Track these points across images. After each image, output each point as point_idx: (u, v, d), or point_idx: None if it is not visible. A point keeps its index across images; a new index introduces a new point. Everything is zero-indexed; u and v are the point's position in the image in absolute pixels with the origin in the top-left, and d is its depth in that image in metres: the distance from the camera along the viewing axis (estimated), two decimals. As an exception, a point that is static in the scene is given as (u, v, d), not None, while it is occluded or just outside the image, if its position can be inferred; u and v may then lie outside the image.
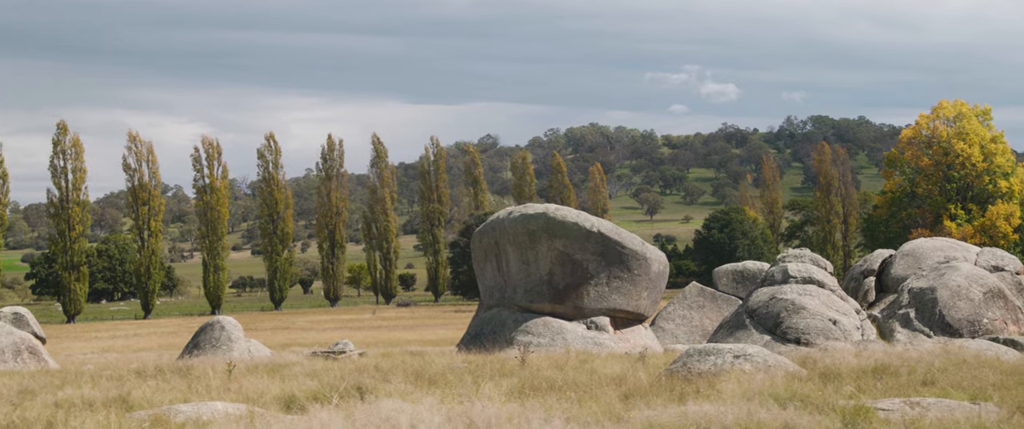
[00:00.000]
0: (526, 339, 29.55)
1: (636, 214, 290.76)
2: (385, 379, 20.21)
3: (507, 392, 17.70)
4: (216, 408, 16.00)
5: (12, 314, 37.79)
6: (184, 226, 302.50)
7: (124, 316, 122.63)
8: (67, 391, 19.70)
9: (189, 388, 19.84)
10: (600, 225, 31.09)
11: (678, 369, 19.29)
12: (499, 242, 32.13)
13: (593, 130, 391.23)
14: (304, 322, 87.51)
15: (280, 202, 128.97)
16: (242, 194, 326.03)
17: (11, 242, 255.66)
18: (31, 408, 17.01)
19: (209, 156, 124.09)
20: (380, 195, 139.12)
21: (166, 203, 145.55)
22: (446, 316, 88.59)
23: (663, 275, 32.29)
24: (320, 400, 16.97)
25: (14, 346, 33.55)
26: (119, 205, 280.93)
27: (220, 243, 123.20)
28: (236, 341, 33.66)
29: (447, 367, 22.33)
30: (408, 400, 16.21)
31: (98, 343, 63.89)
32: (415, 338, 53.74)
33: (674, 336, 36.60)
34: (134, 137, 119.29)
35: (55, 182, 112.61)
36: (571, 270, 30.83)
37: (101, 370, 26.80)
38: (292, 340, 56.26)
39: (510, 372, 21.05)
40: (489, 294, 32.84)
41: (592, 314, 31.00)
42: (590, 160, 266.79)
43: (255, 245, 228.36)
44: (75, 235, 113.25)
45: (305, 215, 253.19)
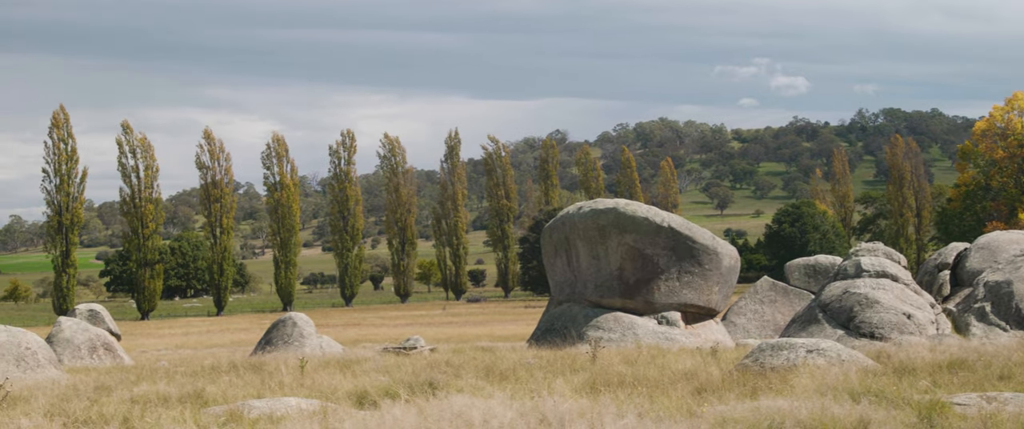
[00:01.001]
0: (597, 334, 29.48)
1: (706, 209, 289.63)
2: (456, 374, 20.24)
3: (578, 387, 17.67)
4: (289, 404, 16.08)
5: (88, 311, 38.22)
6: (255, 223, 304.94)
7: (197, 313, 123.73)
8: (142, 387, 19.87)
9: (262, 384, 19.95)
10: (670, 219, 30.96)
11: (750, 364, 19.17)
12: (569, 237, 32.08)
13: (662, 125, 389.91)
14: (375, 318, 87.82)
15: (351, 199, 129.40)
16: (312, 191, 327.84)
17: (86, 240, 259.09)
18: (108, 404, 17.17)
19: (280, 153, 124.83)
20: (450, 191, 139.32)
21: (238, 200, 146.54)
22: (516, 311, 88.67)
23: (734, 270, 32.10)
24: (392, 396, 17.01)
25: (90, 343, 33.93)
26: (192, 202, 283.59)
27: (291, 240, 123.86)
28: (308, 337, 33.85)
29: (518, 362, 22.31)
30: (479, 395, 16.21)
31: (172, 339, 64.47)
32: (485, 333, 53.80)
33: (746, 331, 36.37)
34: (207, 135, 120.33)
35: (125, 180, 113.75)
36: (642, 265, 30.72)
37: (175, 366, 27.05)
38: (363, 336, 56.47)
39: (581, 367, 21.01)
40: (559, 289, 32.80)
41: (663, 309, 30.88)
42: (659, 155, 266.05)
43: (326, 242, 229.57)
44: (148, 233, 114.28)
45: (375, 212, 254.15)
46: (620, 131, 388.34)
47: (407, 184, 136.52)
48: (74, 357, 32.88)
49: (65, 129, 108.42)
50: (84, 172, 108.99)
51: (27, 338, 27.75)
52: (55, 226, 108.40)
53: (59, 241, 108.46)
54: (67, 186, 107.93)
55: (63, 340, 33.53)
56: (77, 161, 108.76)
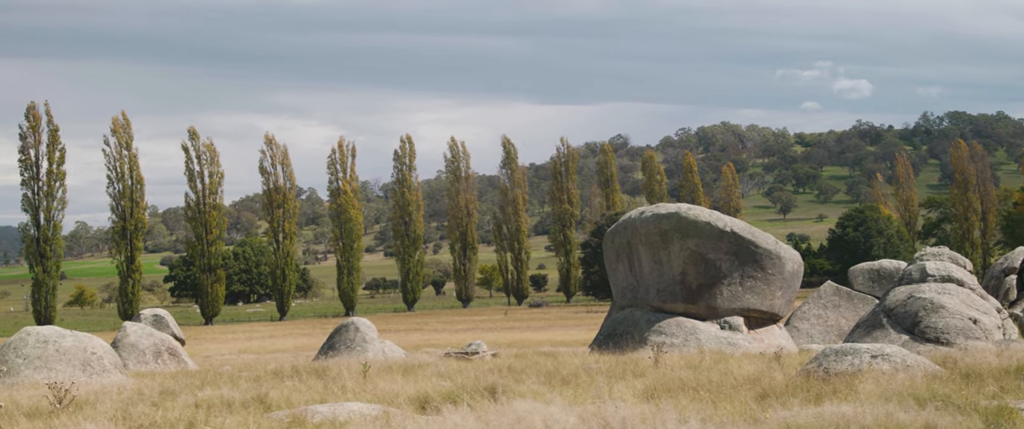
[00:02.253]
0: (659, 339, 29.37)
1: (769, 213, 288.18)
2: (518, 380, 20.22)
3: (641, 392, 17.60)
4: (352, 408, 16.12)
5: (152, 316, 38.52)
6: (318, 228, 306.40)
7: (260, 318, 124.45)
8: (206, 391, 19.99)
9: (325, 389, 20.01)
10: (733, 224, 30.82)
11: (814, 369, 19.01)
12: (631, 242, 32.01)
13: (724, 129, 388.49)
14: (437, 323, 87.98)
15: (412, 204, 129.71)
16: (374, 196, 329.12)
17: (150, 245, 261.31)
18: (172, 408, 17.29)
19: (343, 159, 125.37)
20: (511, 196, 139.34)
21: (300, 206, 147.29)
22: (578, 316, 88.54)
23: (797, 274, 31.90)
24: (454, 401, 17.00)
25: (155, 347, 34.16)
26: (254, 208, 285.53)
27: (354, 245, 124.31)
28: (370, 342, 33.94)
29: (580, 367, 22.27)
30: (541, 401, 16.18)
31: (235, 344, 64.86)
32: (547, 339, 53.73)
33: (809, 336, 36.13)
34: (270, 140, 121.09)
35: (191, 186, 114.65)
36: (704, 270, 30.60)
37: (239, 371, 27.19)
38: (425, 341, 56.56)
39: (643, 372, 20.94)
40: (621, 294, 32.73)
41: (726, 314, 30.74)
42: (721, 159, 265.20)
43: (388, 247, 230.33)
44: (212, 238, 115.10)
45: (437, 217, 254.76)
46: (682, 135, 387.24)
47: (468, 189, 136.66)
48: (139, 362, 33.12)
49: (126, 135, 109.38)
50: (142, 178, 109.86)
51: (93, 343, 27.99)
52: (120, 232, 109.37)
53: (124, 247, 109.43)
54: (130, 192, 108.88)
55: (128, 345, 33.79)
56: (139, 167, 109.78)
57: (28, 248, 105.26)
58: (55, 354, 27.00)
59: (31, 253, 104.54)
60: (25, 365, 26.56)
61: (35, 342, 27.43)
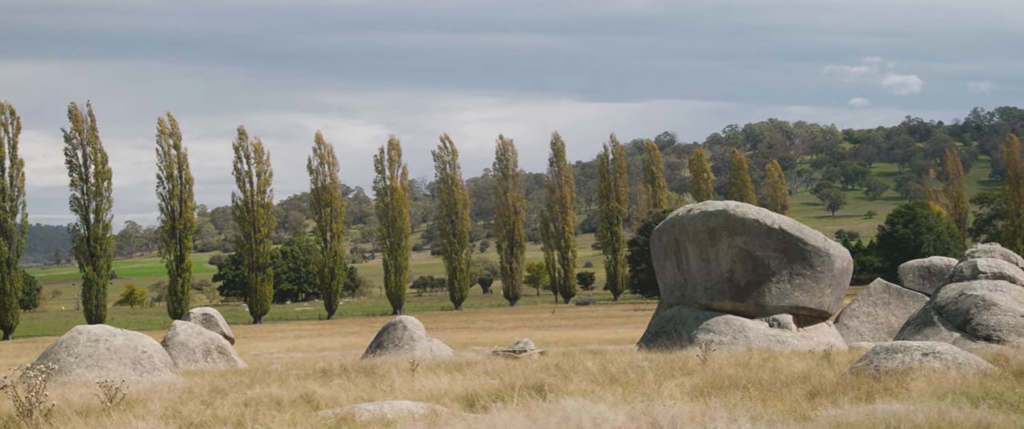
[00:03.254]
0: (707, 337, 29.25)
1: (817, 210, 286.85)
2: (566, 378, 20.18)
3: (689, 391, 17.54)
4: (400, 406, 16.14)
5: (202, 315, 38.74)
6: (365, 227, 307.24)
7: (308, 316, 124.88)
8: (256, 390, 20.08)
9: (373, 387, 20.06)
10: (781, 221, 30.67)
11: (865, 367, 18.89)
12: (678, 240, 31.93)
13: (772, 126, 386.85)
14: (484, 321, 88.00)
15: (458, 202, 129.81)
16: (421, 195, 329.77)
17: (199, 245, 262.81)
18: (222, 406, 17.37)
19: (392, 158, 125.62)
20: (558, 194, 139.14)
21: (347, 205, 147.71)
22: (625, 314, 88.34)
23: (846, 272, 31.71)
24: (502, 399, 16.99)
25: (204, 346, 34.36)
26: (302, 207, 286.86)
27: (401, 244, 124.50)
28: (418, 340, 34.02)
29: (628, 365, 22.20)
30: (590, 399, 16.14)
31: (283, 343, 65.10)
32: (595, 337, 53.63)
33: (859, 334, 35.91)
34: (319, 139, 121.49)
35: (239, 186, 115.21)
36: (752, 267, 30.48)
37: (288, 369, 27.31)
38: (472, 339, 56.58)
39: (692, 370, 20.86)
40: (669, 292, 32.64)
41: (774, 312, 30.61)
42: (769, 156, 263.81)
43: (435, 245, 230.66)
44: (260, 237, 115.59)
45: (484, 215, 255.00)
46: (729, 132, 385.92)
47: (515, 187, 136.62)
48: (189, 360, 33.32)
49: (174, 135, 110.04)
50: (191, 178, 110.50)
51: (143, 342, 28.17)
52: (169, 231, 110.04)
53: (173, 246, 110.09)
54: (180, 192, 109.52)
55: (178, 343, 34.00)
56: (188, 167, 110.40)
57: (78, 248, 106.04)
58: (106, 353, 27.19)
59: (81, 253, 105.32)
60: (77, 364, 26.77)
61: (86, 341, 27.64)
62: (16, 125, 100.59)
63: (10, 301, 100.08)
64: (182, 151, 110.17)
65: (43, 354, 28.38)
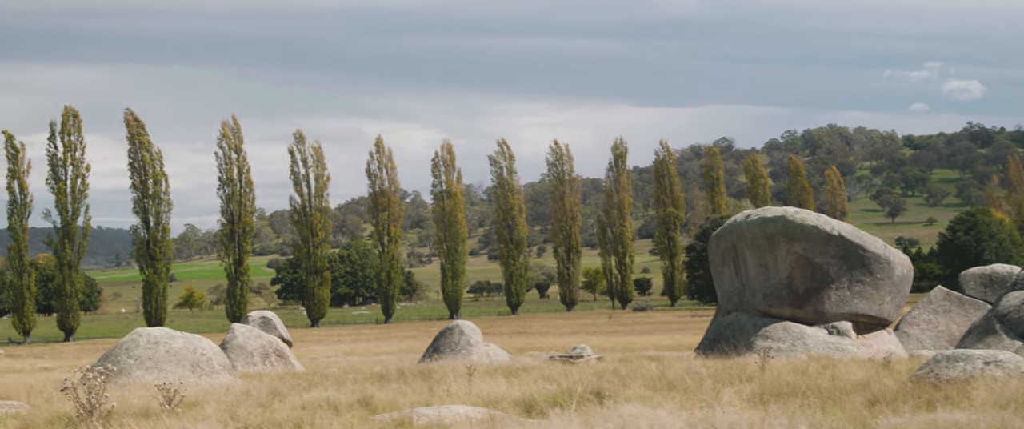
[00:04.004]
0: (766, 344, 29.10)
1: (877, 216, 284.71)
2: (623, 383, 20.12)
3: (748, 397, 17.43)
4: (457, 411, 16.13)
5: (260, 318, 38.93)
6: (422, 231, 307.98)
7: (365, 320, 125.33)
8: (313, 393, 20.14)
9: (430, 391, 20.07)
10: (840, 228, 30.47)
11: (925, 375, 18.71)
12: (736, 246, 31.79)
13: (831, 131, 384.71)
14: (540, 326, 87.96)
15: (515, 207, 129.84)
16: (478, 200, 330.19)
17: (257, 248, 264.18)
18: (280, 409, 17.44)
19: (448, 162, 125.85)
20: (616, 199, 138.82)
21: (405, 209, 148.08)
22: (682, 320, 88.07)
23: (906, 279, 31.45)
24: (559, 404, 16.95)
25: (262, 349, 34.54)
26: (359, 211, 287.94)
27: (458, 248, 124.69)
28: (475, 345, 34.05)
29: (686, 372, 22.11)
30: (647, 405, 16.08)
31: (341, 346, 65.32)
32: (652, 342, 53.47)
33: (919, 341, 35.59)
34: (378, 144, 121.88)
35: (297, 190, 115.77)
36: (811, 274, 30.29)
37: (345, 373, 27.37)
38: (529, 344, 56.55)
39: (750, 377, 20.74)
40: (727, 298, 32.50)
41: (833, 318, 30.40)
42: (828, 162, 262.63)
43: (491, 250, 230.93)
44: (318, 241, 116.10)
45: (540, 220, 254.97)
46: (788, 138, 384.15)
47: (572, 192, 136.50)
48: (247, 363, 33.50)
49: (235, 139, 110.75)
50: (251, 182, 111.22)
51: (202, 344, 28.35)
52: (228, 235, 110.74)
53: (232, 249, 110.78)
54: (238, 195, 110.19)
55: (237, 346, 34.18)
56: (248, 171, 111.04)
57: (139, 250, 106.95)
58: (165, 355, 27.40)
59: (141, 255, 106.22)
60: (136, 366, 26.99)
61: (146, 343, 27.86)
62: (79, 129, 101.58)
63: (71, 303, 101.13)
64: (242, 155, 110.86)
65: (103, 356, 28.63)
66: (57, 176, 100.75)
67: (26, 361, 59.80)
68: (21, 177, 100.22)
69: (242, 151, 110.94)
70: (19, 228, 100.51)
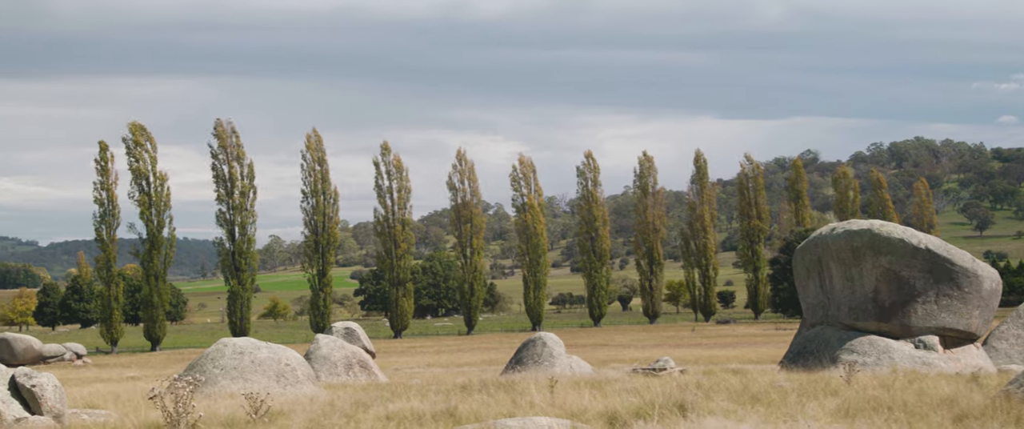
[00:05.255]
0: (851, 358, 28.85)
1: (964, 230, 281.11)
2: (707, 396, 20.02)
3: (832, 412, 17.28)
4: (541, 423, 16.11)
5: (344, 329, 39.20)
6: (504, 243, 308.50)
7: (448, 331, 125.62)
8: (397, 404, 20.22)
9: (513, 403, 20.08)
10: (928, 241, 30.16)
11: (1015, 390, 18.44)
12: (822, 259, 31.58)
13: (917, 144, 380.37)
14: (623, 339, 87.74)
15: (598, 219, 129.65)
16: (561, 212, 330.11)
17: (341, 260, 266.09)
18: (364, 420, 17.53)
19: (526, 175, 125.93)
20: (699, 212, 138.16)
21: (487, 221, 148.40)
22: (766, 334, 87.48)
23: (995, 293, 31.04)
24: (643, 417, 16.90)
25: (346, 360, 34.74)
26: (442, 223, 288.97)
27: (540, 260, 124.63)
28: (558, 357, 34.01)
29: (770, 385, 21.98)
30: (731, 418, 16.00)
31: (423, 357, 65.55)
32: (735, 355, 53.16)
33: (1008, 356, 35.07)
34: (460, 156, 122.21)
35: (381, 201, 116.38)
36: (897, 287, 30.00)
37: (428, 384, 27.46)
38: (611, 357, 56.42)
39: (835, 391, 20.58)
40: (811, 312, 32.28)
41: (919, 333, 30.08)
42: (915, 175, 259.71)
43: (574, 262, 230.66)
44: (400, 252, 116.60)
45: (623, 232, 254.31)
46: (874, 150, 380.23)
47: (657, 205, 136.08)
48: (331, 374, 33.71)
49: (318, 151, 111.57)
50: (336, 193, 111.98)
51: (287, 354, 28.57)
52: (312, 246, 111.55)
53: (316, 260, 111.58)
54: (322, 207, 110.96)
55: (321, 357, 34.42)
56: (331, 183, 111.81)
57: (224, 261, 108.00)
58: (250, 365, 27.63)
59: (226, 266, 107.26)
60: (222, 375, 27.24)
61: (231, 353, 28.12)
62: (152, 142, 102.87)
63: (158, 313, 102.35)
64: (326, 167, 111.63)
65: (190, 366, 28.93)
66: (141, 188, 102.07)
67: (114, 370, 60.58)
68: (110, 188, 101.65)
69: (325, 163, 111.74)
70: (107, 239, 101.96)
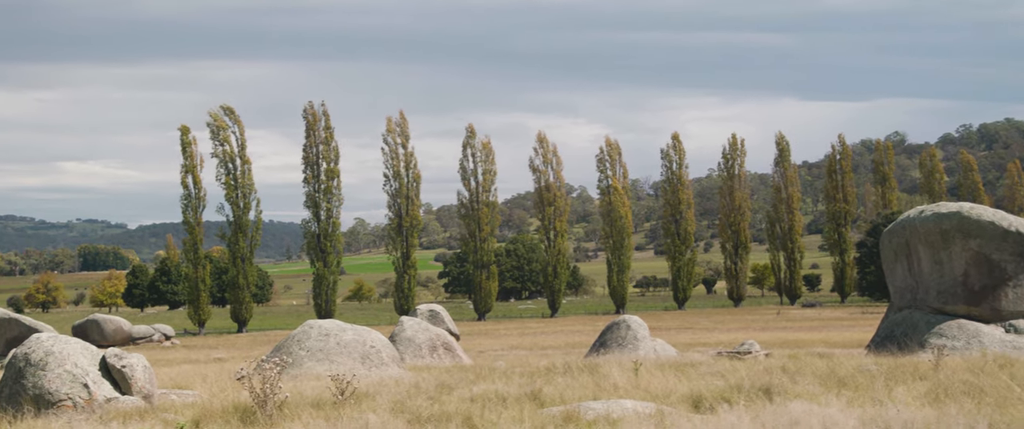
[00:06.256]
0: (939, 342, 28.55)
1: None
2: (793, 380, 19.89)
3: (921, 396, 17.09)
4: (625, 406, 16.10)
5: (428, 311, 39.40)
6: (588, 226, 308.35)
7: (531, 314, 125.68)
8: (481, 386, 20.29)
9: (597, 386, 20.06)
10: (1019, 224, 29.75)
11: (1108, 376, 18.17)
12: (910, 242, 31.25)
13: (1008, 125, 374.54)
14: (707, 322, 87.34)
15: (683, 202, 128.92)
16: (644, 194, 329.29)
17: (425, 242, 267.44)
18: (449, 402, 17.61)
19: (612, 157, 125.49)
20: (784, 194, 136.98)
21: (571, 203, 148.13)
22: (852, 317, 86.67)
23: (1089, 276, 30.56)
24: (727, 400, 16.83)
25: (430, 342, 34.89)
26: (525, 206, 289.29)
27: (624, 243, 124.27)
28: (642, 340, 33.97)
29: (856, 369, 21.78)
30: (817, 402, 15.88)
31: (507, 340, 65.64)
32: (821, 339, 52.76)
33: (1101, 341, 34.56)
34: (541, 139, 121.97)
35: (465, 184, 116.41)
36: (987, 271, 29.63)
37: (512, 366, 27.51)
38: (696, 340, 56.23)
39: (923, 375, 20.36)
40: (899, 295, 31.96)
41: (1010, 317, 29.70)
42: (1005, 157, 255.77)
43: (658, 245, 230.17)
44: (484, 235, 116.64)
45: (707, 215, 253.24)
46: (963, 132, 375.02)
47: (741, 187, 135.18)
48: (415, 356, 33.88)
49: (403, 134, 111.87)
50: (418, 175, 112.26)
51: (372, 337, 28.75)
52: (396, 228, 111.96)
53: (400, 243, 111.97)
54: (405, 190, 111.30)
55: (405, 339, 34.60)
56: (415, 166, 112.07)
57: (309, 244, 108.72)
58: (336, 347, 27.84)
59: (312, 249, 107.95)
60: (308, 357, 27.48)
61: (317, 335, 28.35)
62: (239, 125, 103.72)
63: (244, 295, 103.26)
64: (409, 149, 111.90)
65: (276, 347, 29.20)
66: (227, 170, 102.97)
67: (201, 352, 61.32)
68: (195, 171, 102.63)
69: (409, 146, 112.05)
70: (194, 222, 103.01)
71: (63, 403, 18.91)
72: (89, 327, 69.44)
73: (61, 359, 19.41)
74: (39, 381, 19.11)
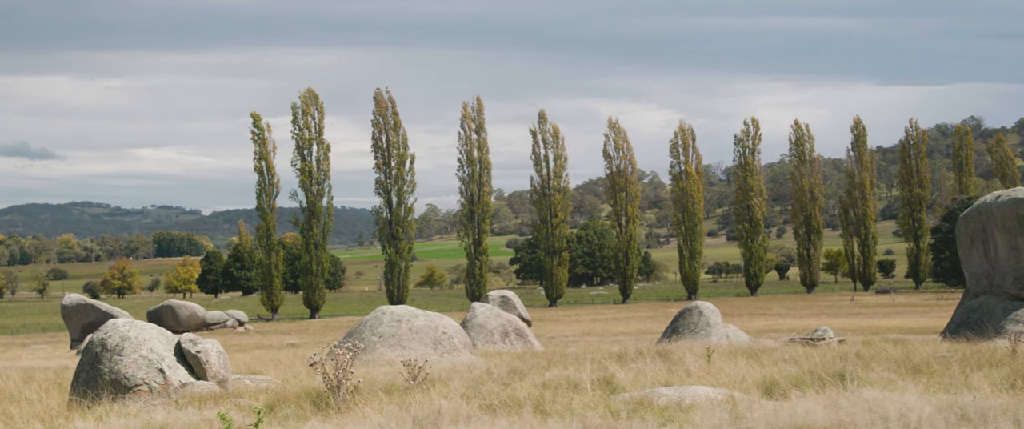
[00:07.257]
0: (1016, 328, 28.18)
1: None
2: (866, 366, 19.72)
3: (998, 383, 16.88)
4: (698, 392, 16.04)
5: (500, 297, 39.47)
6: (660, 212, 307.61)
7: (603, 300, 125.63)
8: (553, 372, 20.27)
9: (669, 372, 20.00)
10: (1097, 208, 29.36)
11: None
12: (986, 227, 30.91)
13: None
14: (780, 308, 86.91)
15: (754, 188, 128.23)
16: (717, 180, 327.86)
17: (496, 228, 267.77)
18: (520, 387, 17.61)
19: (685, 143, 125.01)
20: (858, 179, 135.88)
21: (642, 189, 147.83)
22: (927, 304, 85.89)
23: None
24: (800, 386, 16.73)
25: (502, 328, 34.94)
26: (596, 192, 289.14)
27: (696, 229, 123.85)
28: (714, 326, 33.84)
29: (931, 355, 21.57)
30: (891, 389, 15.74)
31: (578, 326, 65.63)
32: (895, 325, 52.35)
33: None
34: (613, 125, 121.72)
35: (537, 170, 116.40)
36: (1066, 256, 29.27)
37: (583, 352, 27.48)
38: (768, 326, 55.96)
39: (1000, 362, 20.11)
40: (975, 281, 31.63)
41: (1089, 303, 29.32)
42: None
43: (730, 231, 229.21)
44: (556, 221, 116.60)
45: (780, 201, 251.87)
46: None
47: (813, 173, 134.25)
48: (487, 342, 33.94)
49: (476, 121, 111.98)
50: (488, 162, 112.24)
51: (443, 322, 28.84)
52: (467, 215, 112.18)
53: (471, 229, 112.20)
54: (477, 176, 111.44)
55: (477, 325, 34.67)
56: (487, 152, 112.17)
57: (381, 230, 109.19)
58: (408, 332, 27.95)
59: (384, 235, 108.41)
60: (380, 342, 27.61)
61: (389, 321, 28.47)
62: (320, 111, 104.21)
63: (317, 281, 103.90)
64: (482, 136, 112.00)
65: (348, 333, 29.36)
66: (302, 157, 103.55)
67: (274, 337, 61.84)
68: (268, 158, 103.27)
69: (482, 132, 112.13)
70: (267, 208, 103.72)
71: (139, 388, 19.11)
72: (164, 313, 70.20)
73: (137, 344, 19.61)
74: (115, 366, 19.32)
